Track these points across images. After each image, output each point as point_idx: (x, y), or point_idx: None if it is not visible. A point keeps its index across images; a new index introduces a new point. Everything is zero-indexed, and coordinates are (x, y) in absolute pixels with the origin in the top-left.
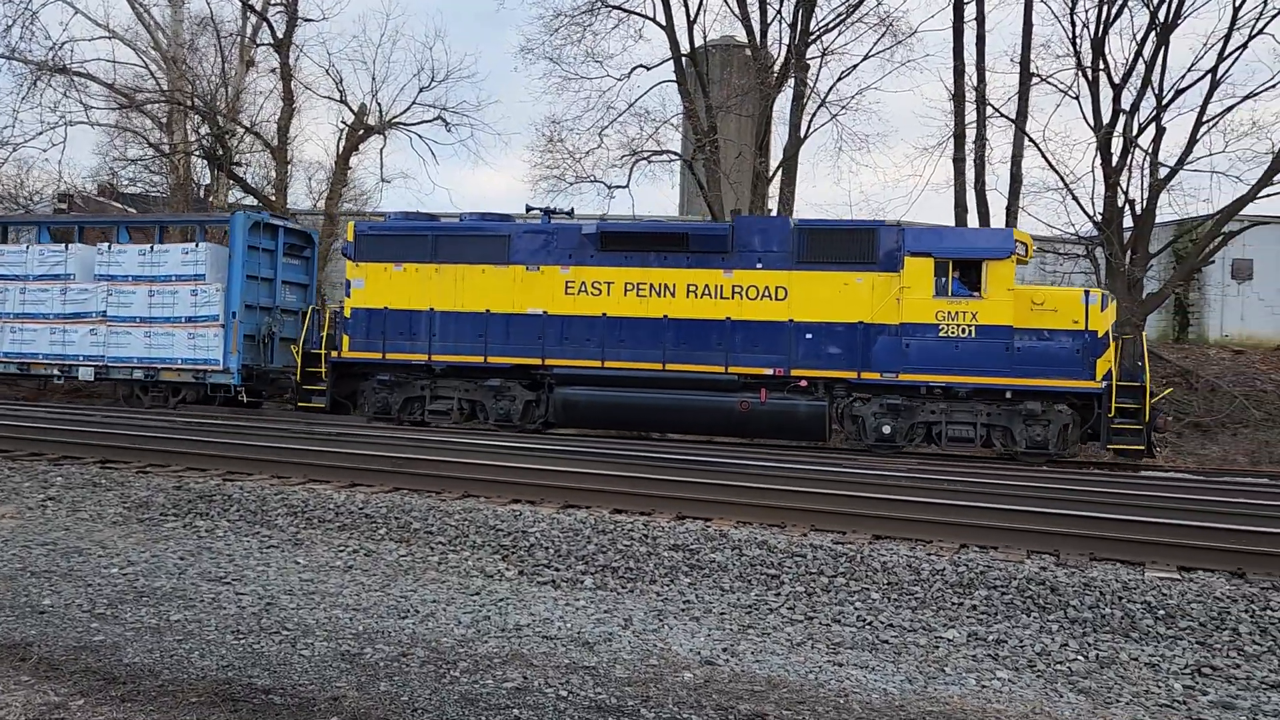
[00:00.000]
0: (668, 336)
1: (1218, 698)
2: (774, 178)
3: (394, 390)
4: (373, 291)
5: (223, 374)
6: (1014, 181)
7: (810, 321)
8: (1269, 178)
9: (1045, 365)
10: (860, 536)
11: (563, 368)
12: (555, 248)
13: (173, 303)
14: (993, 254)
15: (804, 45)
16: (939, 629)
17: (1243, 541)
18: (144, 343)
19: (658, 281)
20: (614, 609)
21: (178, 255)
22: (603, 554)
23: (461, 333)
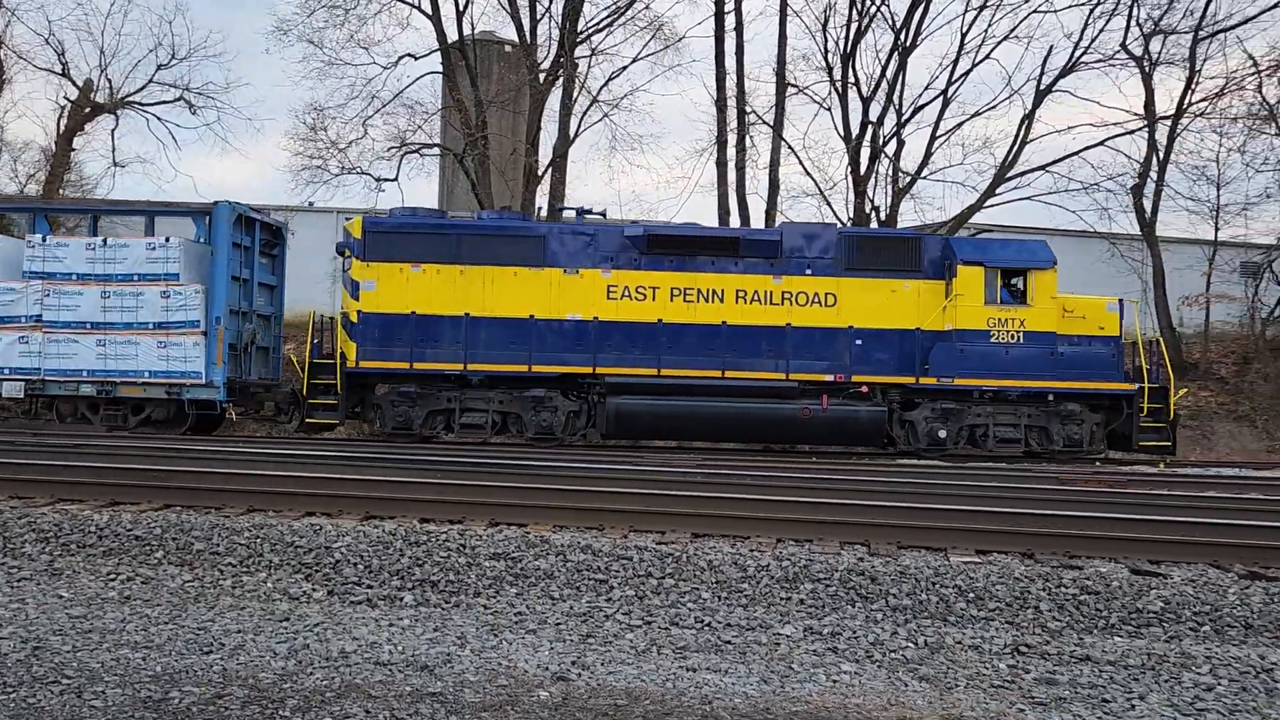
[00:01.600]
0: (725, 343)
1: (1039, 675)
2: (545, 175)
3: (416, 403)
4: (387, 294)
5: (205, 388)
6: (773, 186)
7: (864, 328)
8: (992, 189)
9: (1085, 369)
10: (680, 535)
11: (616, 376)
12: (595, 250)
13: (136, 306)
14: (1038, 264)
15: (573, 44)
16: (775, 625)
17: (1032, 525)
18: (96, 352)
19: (706, 287)
20: (443, 626)
21: (141, 251)
22: (419, 567)
23: (497, 340)
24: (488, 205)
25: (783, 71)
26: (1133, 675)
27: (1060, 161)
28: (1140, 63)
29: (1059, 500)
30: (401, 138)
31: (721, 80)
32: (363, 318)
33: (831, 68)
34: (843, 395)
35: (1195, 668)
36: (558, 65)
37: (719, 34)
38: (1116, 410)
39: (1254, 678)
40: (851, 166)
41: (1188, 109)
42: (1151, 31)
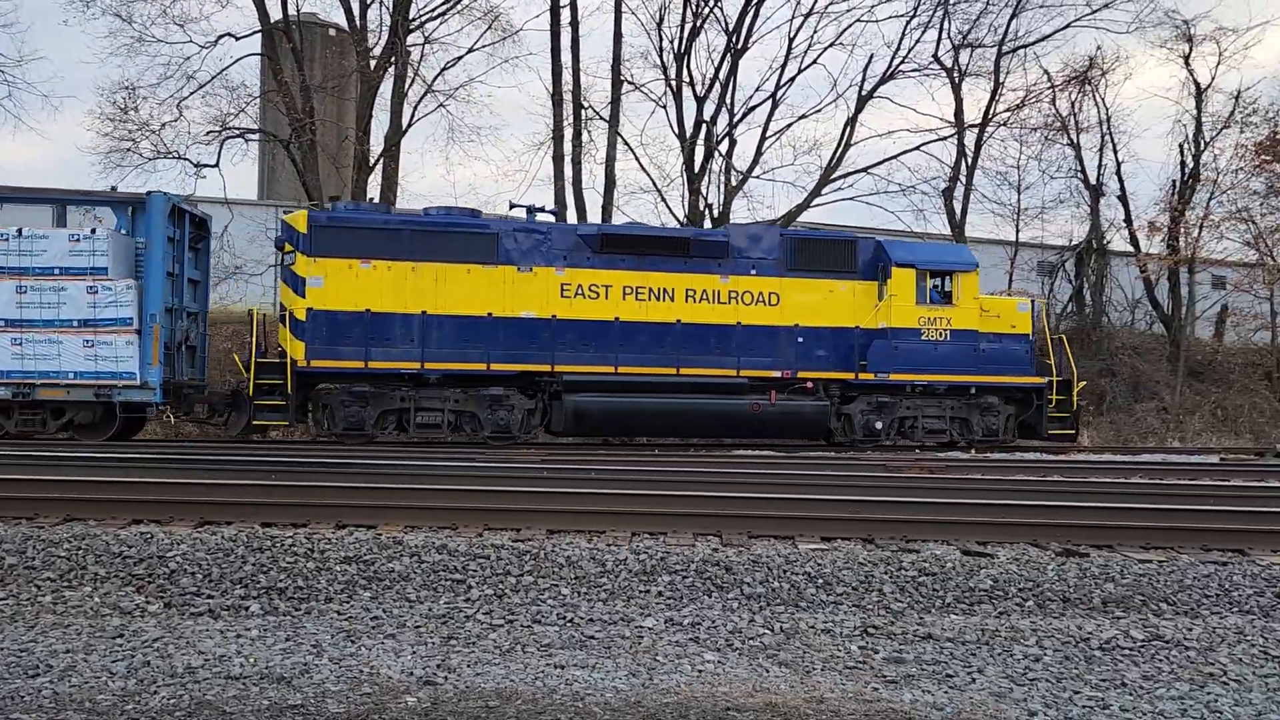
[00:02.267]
0: (678, 341)
1: (888, 654)
2: (377, 164)
3: (368, 403)
4: (335, 291)
5: (140, 390)
6: (609, 181)
7: (805, 326)
8: (819, 189)
9: (1003, 364)
10: (537, 532)
11: (573, 374)
12: (549, 248)
13: (58, 302)
14: (963, 267)
15: (406, 31)
16: (637, 618)
17: (872, 511)
18: (11, 352)
19: (657, 286)
20: (296, 635)
21: (63, 243)
22: (264, 574)
23: (454, 338)
24: (315, 194)
25: (618, 68)
26: (970, 650)
27: (880, 164)
28: (951, 73)
29: (894, 487)
30: (222, 121)
31: (558, 75)
32: (310, 315)
33: (667, 66)
34: (788, 391)
35: (1024, 640)
36: (390, 52)
37: (555, 28)
38: (1027, 403)
39: (1074, 647)
40: (686, 164)
41: (993, 118)
42: (960, 44)
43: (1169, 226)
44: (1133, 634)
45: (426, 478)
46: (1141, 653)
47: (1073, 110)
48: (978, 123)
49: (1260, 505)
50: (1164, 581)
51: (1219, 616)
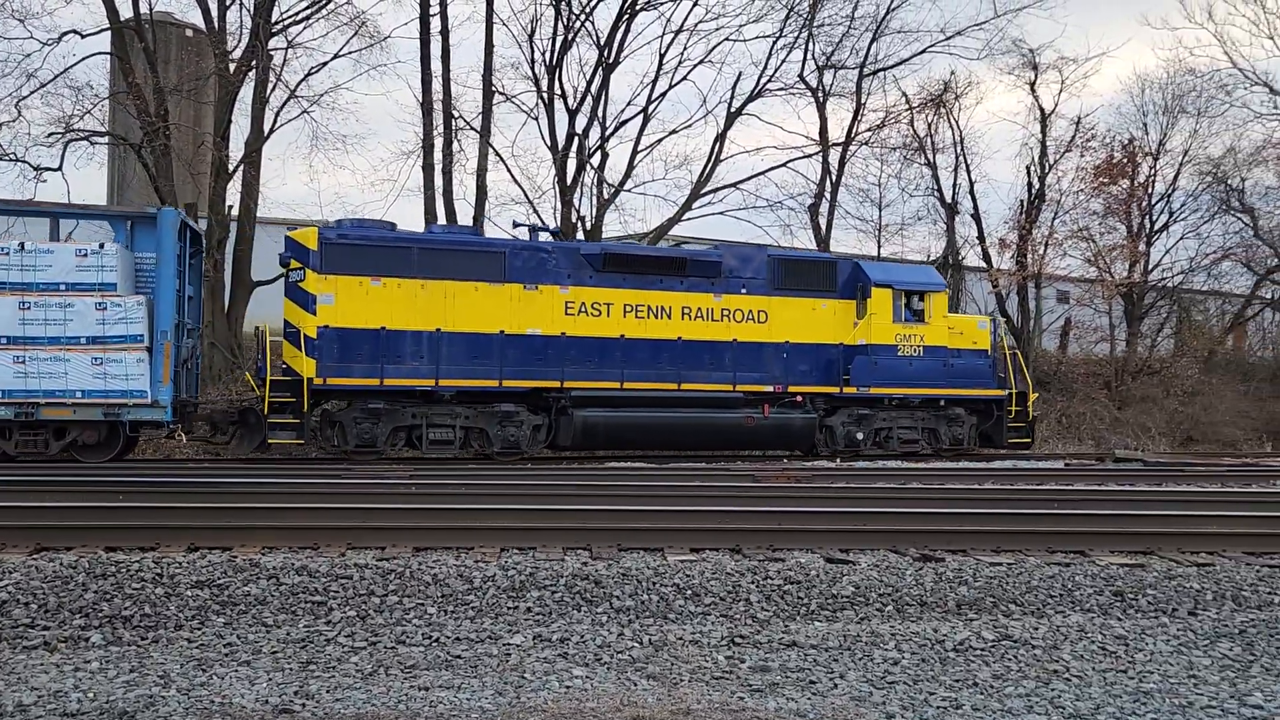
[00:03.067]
0: (678, 357)
1: (754, 663)
2: (237, 171)
3: (380, 419)
4: (346, 308)
5: (151, 408)
6: (479, 192)
7: (792, 343)
8: (689, 204)
9: (968, 378)
10: (402, 550)
11: (581, 390)
12: (553, 267)
13: (63, 319)
14: (935, 287)
15: (268, 35)
16: (505, 635)
17: (740, 521)
18: (13, 370)
19: (655, 304)
20: (141, 666)
21: (69, 258)
22: (107, 602)
23: (466, 355)
24: (169, 201)
25: (490, 79)
26: (833, 656)
27: (748, 180)
28: (815, 93)
29: (761, 496)
30: (66, 122)
31: (428, 83)
32: (321, 332)
33: (539, 78)
34: (778, 404)
35: (884, 645)
36: (250, 56)
37: (425, 36)
38: (988, 414)
39: (930, 649)
40: (558, 176)
41: (855, 137)
42: (824, 66)
43: (1017, 244)
44: (984, 635)
45: (286, 496)
46: (992, 653)
47: (929, 131)
48: (841, 141)
49: (1100, 509)
50: (1013, 583)
51: (1063, 615)
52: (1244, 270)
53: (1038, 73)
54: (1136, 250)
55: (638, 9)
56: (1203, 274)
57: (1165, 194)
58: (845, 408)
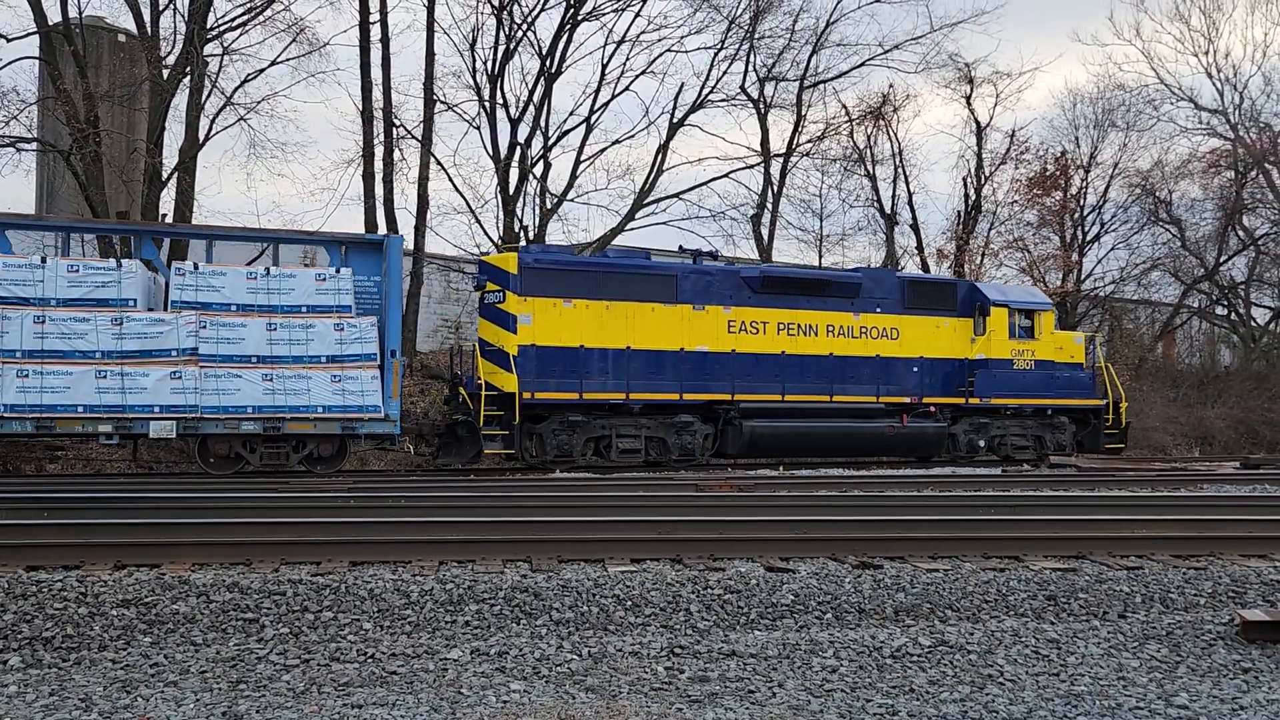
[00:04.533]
0: (831, 371)
1: (693, 674)
2: (171, 179)
3: (575, 431)
4: (542, 328)
5: (383, 423)
6: (421, 201)
7: (921, 357)
8: (632, 214)
9: (1073, 389)
10: (338, 565)
11: (749, 402)
12: (717, 289)
13: (306, 339)
14: (1043, 307)
15: (203, 41)
16: (442, 650)
17: (681, 531)
18: (262, 388)
19: (804, 322)
20: (63, 689)
21: (309, 282)
22: (27, 623)
23: (650, 370)
24: (100, 210)
25: (431, 87)
26: (772, 665)
27: (692, 190)
28: (757, 105)
29: (702, 506)
30: None
31: (368, 91)
32: (523, 350)
33: (480, 88)
34: (912, 414)
35: (822, 653)
36: (185, 62)
37: (364, 44)
38: (1085, 422)
39: (868, 656)
40: (501, 186)
41: (796, 149)
42: (765, 78)
43: (955, 254)
44: (921, 641)
45: (218, 511)
46: (928, 659)
47: (869, 143)
48: (782, 152)
49: (1034, 514)
50: (949, 589)
51: (997, 620)
52: (1172, 280)
53: (973, 86)
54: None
55: (579, 19)
56: (1133, 283)
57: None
58: (966, 417)
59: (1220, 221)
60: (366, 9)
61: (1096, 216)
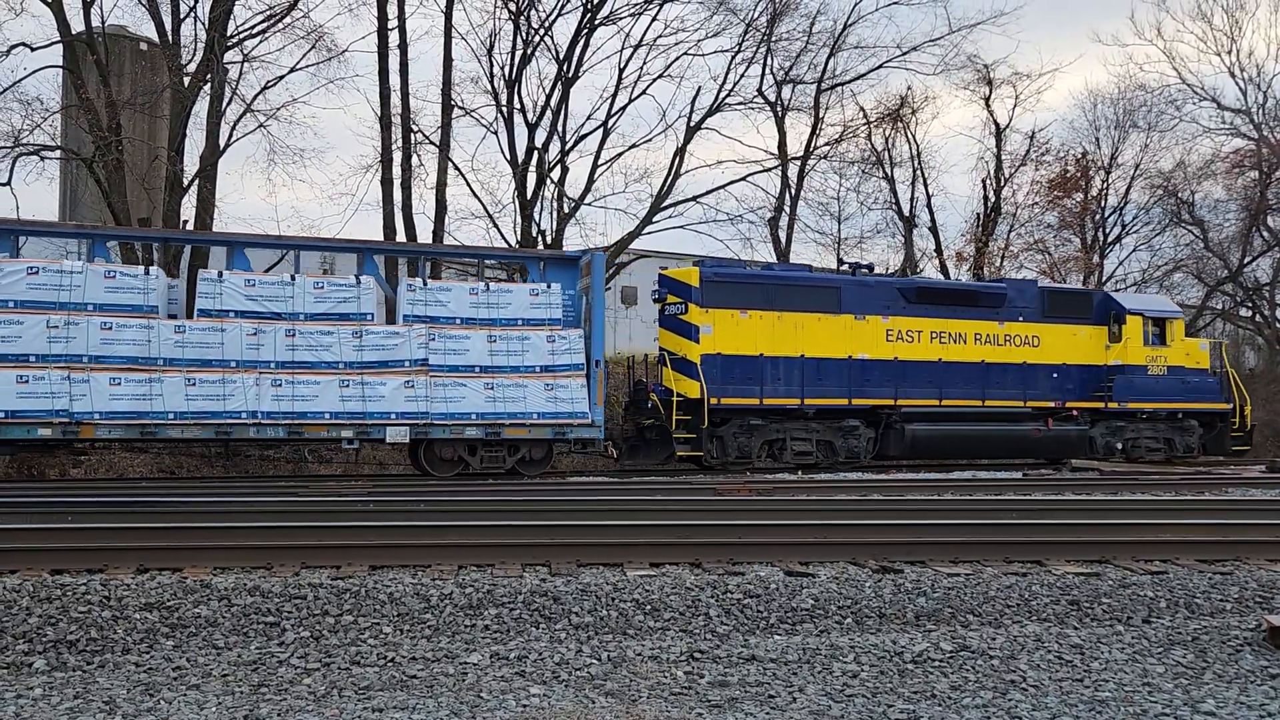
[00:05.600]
0: (982, 377)
1: (713, 678)
2: (192, 186)
3: (753, 434)
4: (721, 337)
5: (590, 428)
6: (439, 207)
7: (1060, 364)
8: (650, 217)
9: (1201, 393)
10: (358, 568)
11: (911, 407)
12: (875, 299)
13: (522, 350)
14: (1175, 315)
15: (223, 49)
16: (462, 654)
17: (700, 535)
18: (484, 395)
19: (954, 330)
20: (87, 692)
21: (524, 297)
22: (52, 626)
23: (818, 377)
24: (122, 216)
25: (448, 92)
26: (792, 670)
27: (709, 194)
28: (774, 108)
29: (721, 510)
30: (15, 137)
31: (386, 97)
32: (705, 358)
33: (498, 92)
34: (1056, 418)
35: (843, 657)
36: (205, 69)
37: (382, 50)
38: (1210, 425)
39: (889, 661)
40: (518, 190)
41: (813, 151)
42: (782, 81)
43: (974, 256)
44: (942, 646)
45: (239, 515)
46: (950, 664)
47: (887, 146)
48: (800, 155)
49: (1056, 518)
50: (971, 594)
51: (1020, 625)
52: (1195, 282)
53: (992, 88)
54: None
55: (597, 24)
56: (1155, 285)
57: (1118, 207)
58: (1103, 420)
59: (1244, 222)
60: (385, 16)
61: (1118, 218)
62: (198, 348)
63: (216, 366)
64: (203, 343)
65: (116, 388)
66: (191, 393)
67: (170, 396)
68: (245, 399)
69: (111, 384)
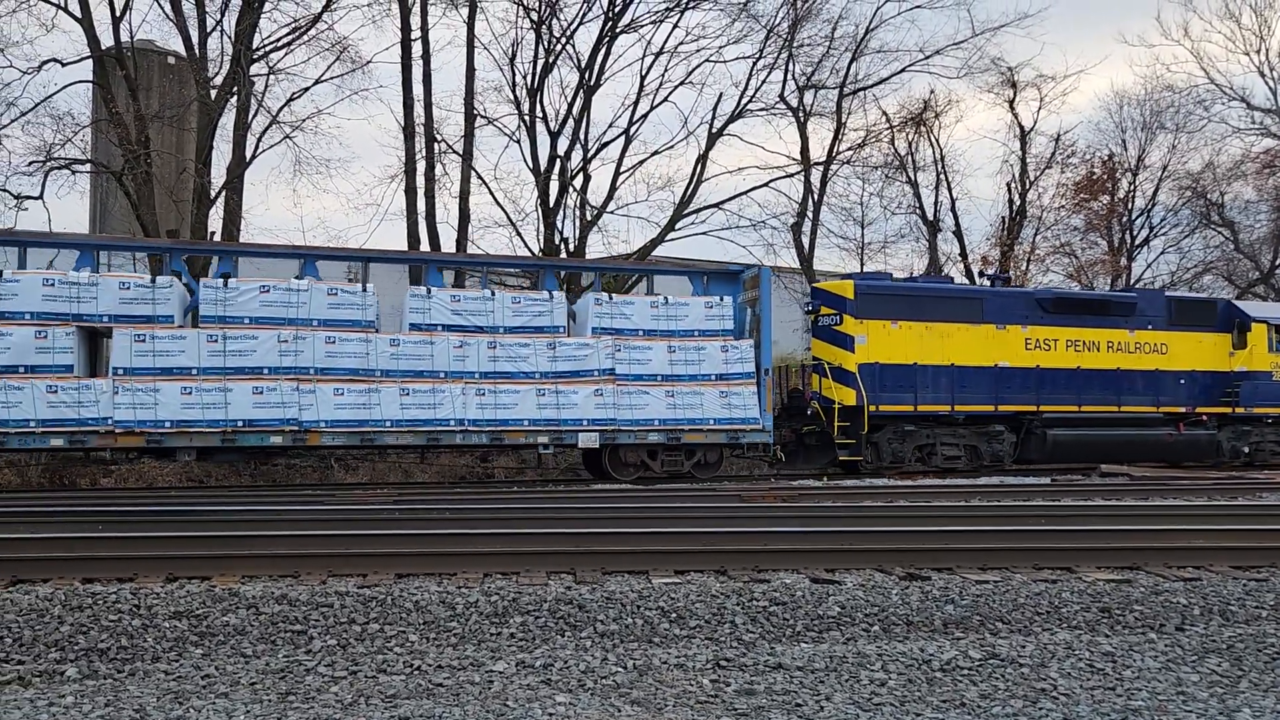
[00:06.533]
0: (1118, 384)
1: (739, 686)
2: (219, 197)
3: (906, 439)
4: (874, 347)
5: (761, 433)
6: (463, 215)
7: (1188, 370)
8: (672, 224)
9: None
10: (384, 576)
11: (1052, 413)
12: (1014, 309)
13: (699, 360)
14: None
15: (249, 62)
16: (488, 662)
17: (725, 543)
18: (665, 403)
19: (1088, 339)
20: (117, 700)
21: (700, 309)
22: (83, 635)
23: (965, 384)
24: (151, 228)
25: (471, 102)
26: (819, 678)
27: (731, 200)
28: (796, 113)
29: (747, 517)
30: (47, 151)
31: (410, 107)
32: (862, 367)
33: (520, 101)
34: (1186, 423)
35: (870, 665)
36: (231, 82)
37: (406, 61)
38: None
39: (917, 669)
40: (541, 198)
41: (836, 157)
42: (805, 86)
43: (1000, 260)
44: (971, 654)
45: (267, 524)
46: (979, 672)
47: (910, 150)
48: (822, 161)
49: (1086, 524)
50: (999, 601)
51: (1050, 633)
52: (1225, 283)
53: (1016, 90)
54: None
55: (618, 32)
56: (1184, 287)
57: (1145, 209)
58: (1229, 425)
59: (1275, 223)
60: (408, 27)
61: (1145, 220)
62: (410, 360)
63: (427, 377)
64: (415, 355)
65: (340, 398)
66: (405, 402)
67: (387, 405)
68: (453, 407)
69: (335, 394)
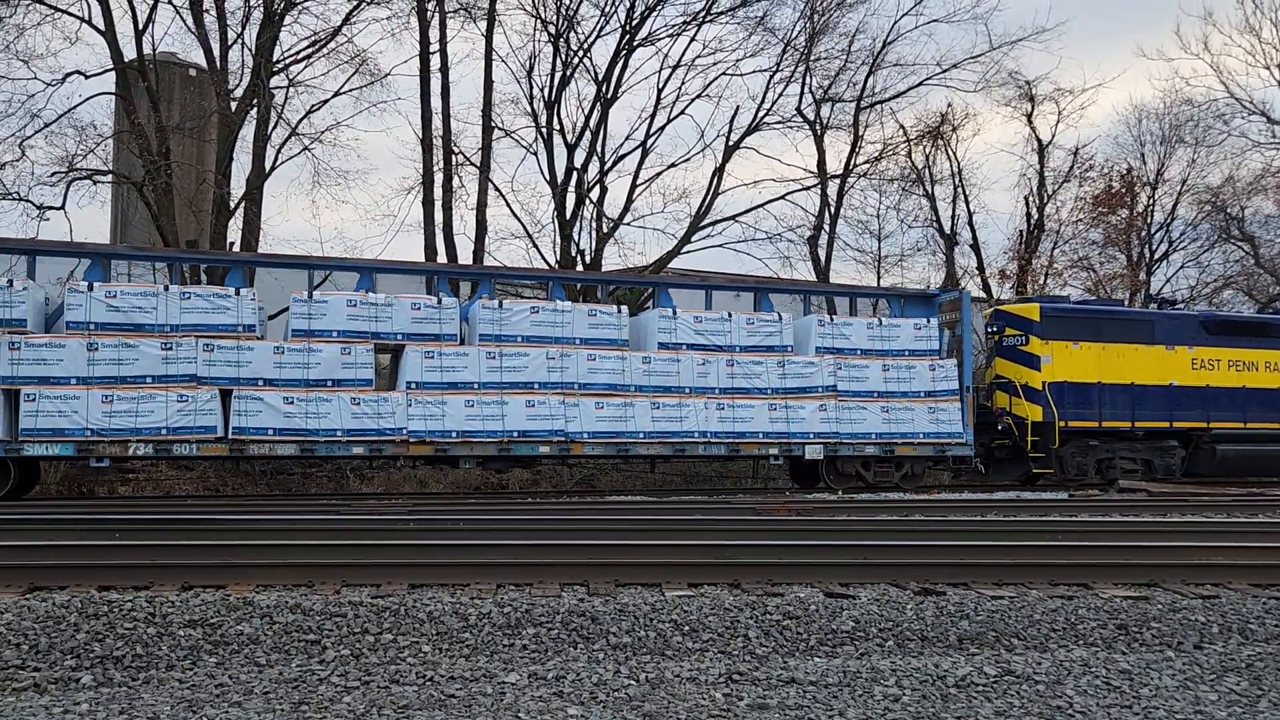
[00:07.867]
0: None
1: (752, 700)
2: (238, 208)
3: (1087, 454)
4: (1058, 366)
5: (964, 446)
6: (480, 227)
7: None
8: (688, 237)
9: None
10: (398, 587)
11: (1222, 430)
12: (1181, 331)
13: (909, 377)
14: None
15: (269, 74)
16: (500, 674)
17: (738, 556)
18: (881, 418)
19: (1247, 359)
20: (132, 707)
21: (910, 331)
22: (99, 642)
23: (1140, 402)
24: (171, 239)
25: (489, 114)
26: (832, 693)
27: (748, 213)
28: (813, 126)
29: (760, 530)
30: (69, 162)
31: (428, 120)
32: (1048, 386)
33: (537, 114)
34: None
35: (884, 681)
36: (251, 94)
37: (424, 73)
38: None
39: (932, 685)
40: (557, 210)
41: (853, 169)
42: (821, 99)
43: (1017, 274)
44: (986, 670)
45: (281, 534)
46: (994, 688)
47: (927, 163)
48: (839, 173)
49: (1103, 540)
50: (1015, 617)
51: (1066, 650)
52: (1246, 299)
53: (1034, 104)
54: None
55: (635, 45)
56: (1204, 302)
57: (1164, 223)
58: None
59: None
60: (426, 40)
61: (1164, 234)
62: (660, 376)
63: (674, 392)
64: (664, 372)
65: (600, 411)
66: (655, 415)
67: (640, 418)
68: (696, 420)
69: (596, 408)
